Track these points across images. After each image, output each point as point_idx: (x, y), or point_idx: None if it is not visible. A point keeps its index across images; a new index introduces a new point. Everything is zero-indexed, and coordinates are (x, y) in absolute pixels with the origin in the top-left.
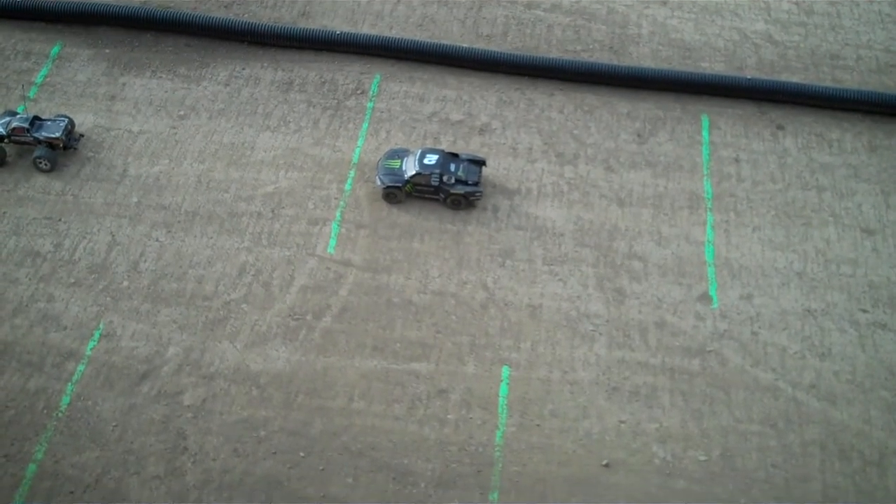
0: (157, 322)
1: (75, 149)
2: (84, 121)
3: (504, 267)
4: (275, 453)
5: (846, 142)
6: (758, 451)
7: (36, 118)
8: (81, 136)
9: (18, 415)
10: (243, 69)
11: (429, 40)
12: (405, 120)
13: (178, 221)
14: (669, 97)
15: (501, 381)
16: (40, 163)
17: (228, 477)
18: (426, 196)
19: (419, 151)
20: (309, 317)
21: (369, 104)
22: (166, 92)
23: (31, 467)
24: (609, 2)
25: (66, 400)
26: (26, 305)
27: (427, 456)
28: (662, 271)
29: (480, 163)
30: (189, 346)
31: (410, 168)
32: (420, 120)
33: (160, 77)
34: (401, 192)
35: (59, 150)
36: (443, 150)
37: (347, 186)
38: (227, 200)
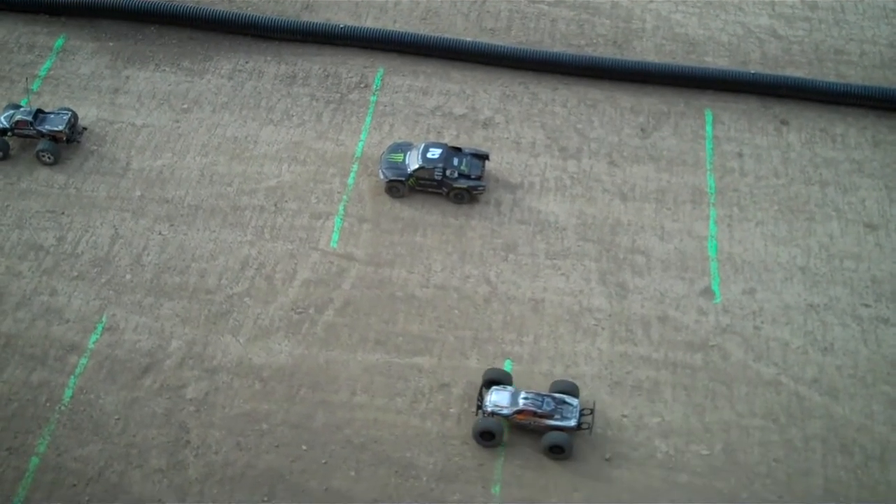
0: (160, 315)
1: (78, 142)
2: (87, 114)
3: (507, 261)
4: (277, 446)
5: (850, 137)
6: (760, 446)
7: (39, 111)
8: (84, 129)
9: (21, 408)
10: (247, 62)
11: (432, 34)
12: (408, 114)
13: (181, 215)
14: (673, 92)
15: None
16: (43, 156)
17: (231, 470)
18: (429, 190)
19: (422, 145)
20: (312, 310)
21: (372, 98)
22: (170, 85)
23: (34, 460)
24: None
25: (68, 393)
26: (29, 299)
27: (429, 449)
28: (665, 266)
29: (483, 157)
30: (192, 340)
31: (413, 162)
32: (423, 114)
33: (164, 70)
34: (404, 185)
35: (62, 144)
36: (446, 144)
37: (350, 180)
38: (230, 194)
